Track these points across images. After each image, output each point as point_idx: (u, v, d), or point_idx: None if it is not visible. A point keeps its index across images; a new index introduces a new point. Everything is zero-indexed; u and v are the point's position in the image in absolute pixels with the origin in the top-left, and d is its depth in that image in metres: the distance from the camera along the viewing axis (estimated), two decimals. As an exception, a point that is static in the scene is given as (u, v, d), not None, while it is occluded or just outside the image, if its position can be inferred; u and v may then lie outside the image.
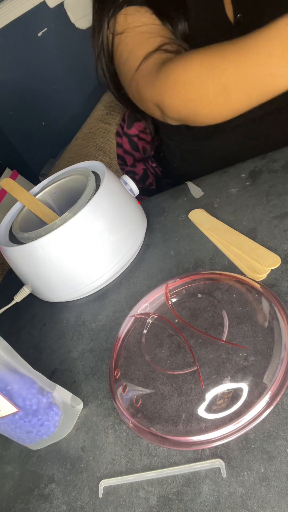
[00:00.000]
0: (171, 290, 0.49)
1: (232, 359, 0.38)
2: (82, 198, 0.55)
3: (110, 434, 0.41)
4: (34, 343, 0.58)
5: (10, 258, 0.57)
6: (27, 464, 0.44)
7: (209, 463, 0.34)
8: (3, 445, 0.47)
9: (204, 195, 0.63)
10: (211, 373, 0.38)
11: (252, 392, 0.35)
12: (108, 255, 0.56)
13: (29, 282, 0.60)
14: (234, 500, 0.31)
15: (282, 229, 0.49)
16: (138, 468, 0.37)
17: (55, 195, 0.66)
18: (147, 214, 0.66)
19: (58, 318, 0.59)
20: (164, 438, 0.37)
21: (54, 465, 0.42)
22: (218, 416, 0.35)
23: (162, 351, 0.43)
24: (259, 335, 0.38)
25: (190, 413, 0.36)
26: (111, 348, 0.49)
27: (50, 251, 0.53)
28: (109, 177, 0.58)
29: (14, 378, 0.38)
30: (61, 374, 0.50)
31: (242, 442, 0.34)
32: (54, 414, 0.42)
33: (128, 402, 0.41)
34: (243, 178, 0.61)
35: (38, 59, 1.43)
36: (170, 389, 0.39)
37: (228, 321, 0.41)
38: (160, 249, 0.59)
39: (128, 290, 0.56)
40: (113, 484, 0.37)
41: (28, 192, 0.62)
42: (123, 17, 0.66)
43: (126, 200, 0.59)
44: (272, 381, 0.35)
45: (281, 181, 0.56)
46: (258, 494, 0.31)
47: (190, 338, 0.42)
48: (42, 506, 0.39)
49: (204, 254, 0.53)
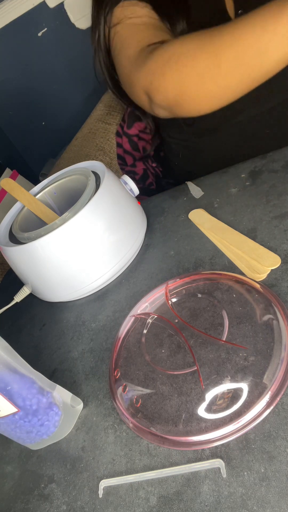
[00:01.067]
0: (171, 290, 0.49)
1: (232, 359, 0.38)
2: (82, 198, 0.55)
3: (110, 434, 0.41)
4: (34, 343, 0.58)
5: (10, 258, 0.57)
6: (27, 464, 0.44)
7: (209, 463, 0.34)
8: (3, 445, 0.47)
9: (204, 195, 0.63)
10: (211, 373, 0.38)
11: (252, 392, 0.35)
12: (108, 255, 0.56)
13: (29, 282, 0.60)
14: (234, 500, 0.31)
15: (282, 229, 0.49)
16: (138, 468, 0.37)
17: (55, 195, 0.66)
18: (147, 214, 0.66)
19: (58, 318, 0.59)
20: (164, 438, 0.37)
21: (54, 465, 0.42)
22: (218, 416, 0.35)
23: (162, 351, 0.43)
24: (259, 335, 0.38)
25: (190, 413, 0.36)
26: (111, 348, 0.49)
27: (50, 251, 0.53)
28: (109, 177, 0.58)
29: (14, 378, 0.38)
30: (61, 374, 0.50)
31: (242, 442, 0.34)
32: (54, 414, 0.42)
33: (128, 402, 0.41)
34: (243, 178, 0.61)
35: (38, 59, 1.43)
36: (170, 389, 0.39)
37: (228, 321, 0.41)
38: (160, 249, 0.59)
39: (128, 290, 0.56)
40: (113, 484, 0.37)
41: (28, 192, 0.62)
42: (119, 9, 0.65)
43: (126, 200, 0.59)
44: (272, 381, 0.35)
45: (281, 181, 0.56)
46: (258, 494, 0.31)
47: (190, 338, 0.42)
48: (42, 506, 0.39)
49: (204, 254, 0.53)
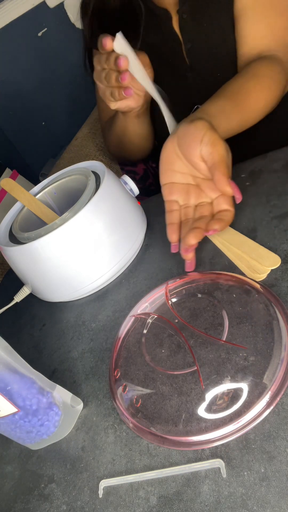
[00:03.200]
0: (171, 290, 0.49)
1: (232, 359, 0.38)
2: (82, 198, 0.55)
3: (110, 434, 0.41)
4: (34, 343, 0.58)
5: (10, 258, 0.57)
6: (27, 464, 0.44)
7: (209, 463, 0.34)
8: (3, 445, 0.47)
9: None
10: (211, 373, 0.38)
11: (252, 392, 0.35)
12: (108, 255, 0.56)
13: (29, 282, 0.60)
14: (234, 500, 0.31)
15: (282, 229, 0.49)
16: (138, 468, 0.37)
17: (55, 195, 0.66)
18: (147, 214, 0.66)
19: (58, 318, 0.59)
20: (164, 438, 0.37)
21: (54, 465, 0.42)
22: (218, 416, 0.35)
23: (162, 351, 0.43)
24: (259, 335, 0.38)
25: (190, 413, 0.36)
26: (111, 348, 0.49)
27: (50, 251, 0.53)
28: (109, 177, 0.58)
29: (14, 378, 0.38)
30: (61, 374, 0.50)
31: (242, 442, 0.34)
32: (54, 414, 0.42)
33: (128, 402, 0.41)
34: (243, 178, 0.60)
35: (38, 59, 1.43)
36: (170, 389, 0.39)
37: (228, 321, 0.41)
38: (160, 249, 0.59)
39: (128, 290, 0.56)
40: (113, 484, 0.37)
41: (28, 192, 0.62)
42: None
43: (126, 200, 0.59)
44: (272, 381, 0.35)
45: (281, 181, 0.56)
46: (258, 494, 0.31)
47: (190, 338, 0.42)
48: (42, 506, 0.39)
49: (204, 254, 0.53)
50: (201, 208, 0.52)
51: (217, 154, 0.46)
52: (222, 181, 0.46)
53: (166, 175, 0.53)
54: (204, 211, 0.51)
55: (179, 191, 0.53)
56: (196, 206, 0.53)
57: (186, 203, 0.53)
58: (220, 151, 0.46)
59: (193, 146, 0.48)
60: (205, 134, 0.47)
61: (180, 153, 0.51)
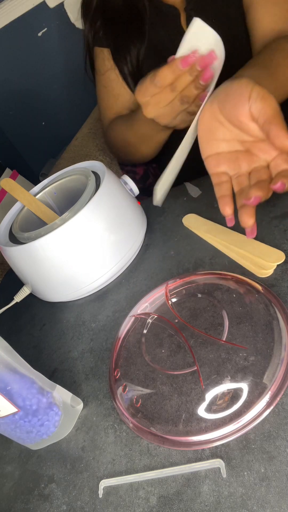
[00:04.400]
0: (171, 290, 0.49)
1: (232, 359, 0.38)
2: (82, 198, 0.55)
3: (110, 434, 0.41)
4: (34, 343, 0.58)
5: (10, 258, 0.57)
6: (27, 464, 0.44)
7: (209, 463, 0.34)
8: (3, 445, 0.47)
9: (204, 195, 0.63)
10: (211, 373, 0.38)
11: (252, 392, 0.35)
12: (108, 255, 0.56)
13: (29, 282, 0.60)
14: (234, 500, 0.31)
15: (282, 229, 0.49)
16: (138, 468, 0.37)
17: (55, 195, 0.66)
18: (147, 214, 0.66)
19: (58, 318, 0.59)
20: (164, 438, 0.37)
21: (54, 465, 0.42)
22: (218, 416, 0.35)
23: (162, 351, 0.43)
24: (259, 335, 0.38)
25: (190, 413, 0.36)
26: (111, 348, 0.49)
27: (50, 251, 0.53)
28: (109, 177, 0.58)
29: (14, 378, 0.38)
30: (61, 374, 0.50)
31: (242, 442, 0.34)
32: (54, 414, 0.42)
33: (128, 402, 0.41)
34: (243, 178, 0.60)
35: (38, 59, 1.44)
36: (170, 389, 0.39)
37: (228, 321, 0.41)
38: (160, 249, 0.59)
39: (128, 290, 0.56)
40: (113, 484, 0.37)
41: (28, 192, 0.62)
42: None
43: (126, 200, 0.59)
44: (272, 381, 0.35)
45: (281, 181, 0.56)
46: (258, 494, 0.31)
47: (190, 338, 0.42)
48: (42, 506, 0.39)
49: (204, 254, 0.53)
50: (256, 174, 0.45)
51: (270, 108, 0.40)
52: (280, 135, 0.40)
53: (208, 146, 0.47)
54: (262, 175, 0.44)
55: (227, 161, 0.47)
56: (250, 173, 0.46)
57: (237, 172, 0.47)
58: (273, 104, 0.41)
59: (241, 105, 0.42)
60: (252, 89, 0.41)
61: (223, 118, 0.45)
